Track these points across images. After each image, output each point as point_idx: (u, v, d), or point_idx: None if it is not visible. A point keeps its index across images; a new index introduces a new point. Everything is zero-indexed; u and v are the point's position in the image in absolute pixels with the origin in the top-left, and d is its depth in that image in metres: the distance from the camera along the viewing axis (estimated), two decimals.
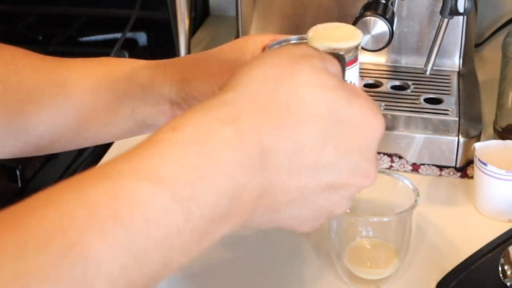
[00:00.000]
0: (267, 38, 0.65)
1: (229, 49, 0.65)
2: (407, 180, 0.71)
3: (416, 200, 0.68)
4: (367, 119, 0.46)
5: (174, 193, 0.39)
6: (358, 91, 0.47)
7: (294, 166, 0.43)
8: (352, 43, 0.59)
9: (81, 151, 0.94)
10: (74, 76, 0.65)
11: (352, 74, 0.61)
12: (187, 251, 0.40)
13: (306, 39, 0.63)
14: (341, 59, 0.51)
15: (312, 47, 0.57)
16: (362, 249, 0.70)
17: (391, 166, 0.90)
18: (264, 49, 0.64)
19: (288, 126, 0.43)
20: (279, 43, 0.64)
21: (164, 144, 0.41)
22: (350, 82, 0.60)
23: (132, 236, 0.37)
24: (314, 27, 0.61)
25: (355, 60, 0.61)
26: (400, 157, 0.90)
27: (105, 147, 0.96)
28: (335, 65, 0.48)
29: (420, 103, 0.93)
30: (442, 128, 0.89)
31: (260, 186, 0.42)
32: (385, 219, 0.69)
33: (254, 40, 0.65)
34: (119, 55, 1.09)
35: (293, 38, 0.65)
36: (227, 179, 0.41)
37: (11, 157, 0.66)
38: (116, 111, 0.65)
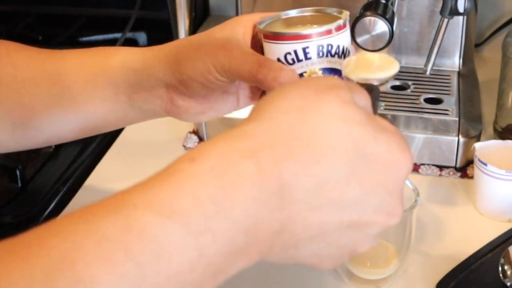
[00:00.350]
0: (257, 16, 0.63)
1: (220, 29, 0.63)
2: (407, 180, 0.71)
3: (416, 200, 0.68)
4: (394, 155, 0.44)
5: (188, 227, 0.37)
6: (386, 125, 0.45)
7: (315, 202, 0.42)
8: (387, 74, 0.58)
9: (80, 152, 0.94)
10: (69, 67, 0.64)
11: (343, 38, 0.59)
12: (200, 287, 0.39)
13: (306, 11, 0.62)
14: (375, 90, 0.50)
15: (346, 77, 0.57)
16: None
17: None
18: (254, 27, 0.62)
19: (310, 161, 0.41)
20: (271, 18, 0.63)
21: (181, 175, 0.39)
22: (342, 47, 0.59)
23: (143, 271, 0.36)
24: (347, 58, 0.60)
25: (344, 26, 0.60)
26: None
27: (105, 148, 0.96)
28: (364, 97, 0.47)
29: (420, 103, 0.93)
30: (442, 128, 0.89)
31: (277, 222, 0.41)
32: None
33: (245, 19, 0.63)
34: None
35: (284, 13, 0.64)
36: (244, 214, 0.39)
37: (14, 150, 0.66)
38: (112, 99, 0.64)
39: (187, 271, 0.37)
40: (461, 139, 0.88)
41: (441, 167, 0.89)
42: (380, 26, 0.81)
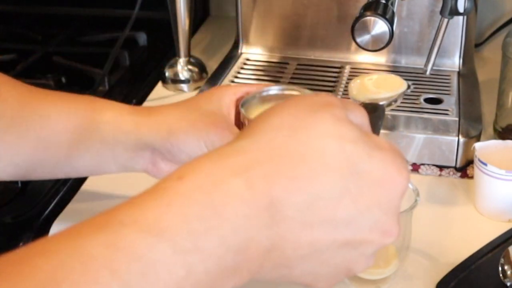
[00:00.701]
0: (240, 90, 0.65)
1: (207, 101, 0.66)
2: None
3: (416, 200, 0.68)
4: (389, 174, 0.43)
5: (175, 245, 0.37)
6: (382, 143, 0.45)
7: (307, 220, 0.41)
8: (393, 92, 0.58)
9: None
10: (58, 112, 0.65)
11: None
12: None
13: (286, 89, 0.62)
14: (379, 109, 0.49)
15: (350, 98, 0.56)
16: None
17: None
18: (237, 105, 0.64)
19: (301, 178, 0.41)
20: (252, 97, 0.64)
21: (168, 193, 0.39)
22: None
23: None
24: (352, 81, 0.60)
25: None
26: None
27: None
28: (360, 115, 0.46)
29: (420, 103, 0.93)
30: (442, 128, 0.89)
31: (268, 240, 0.40)
32: None
33: (229, 94, 0.65)
34: (119, 55, 1.09)
35: (267, 89, 0.64)
36: (234, 232, 0.39)
37: None
38: (96, 152, 0.66)
39: None
40: (461, 139, 0.88)
41: (441, 167, 0.89)
42: (380, 26, 0.81)
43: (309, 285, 0.45)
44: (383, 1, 0.83)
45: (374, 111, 0.48)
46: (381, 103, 0.53)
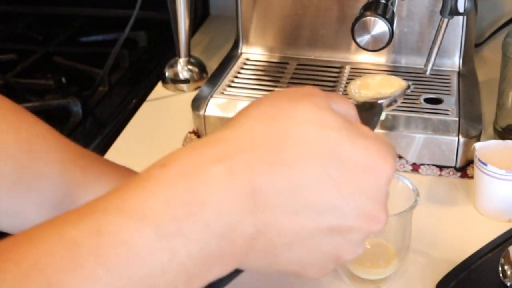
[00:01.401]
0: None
1: None
2: (407, 180, 0.71)
3: (416, 200, 0.68)
4: (373, 161, 0.43)
5: (159, 230, 0.37)
6: (366, 131, 0.45)
7: (291, 207, 0.41)
8: (391, 90, 0.58)
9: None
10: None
11: None
12: None
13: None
14: (376, 106, 0.49)
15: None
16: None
17: None
18: None
19: (283, 165, 0.41)
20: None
21: (151, 180, 0.39)
22: None
23: (113, 275, 0.35)
24: (352, 82, 0.60)
25: None
26: (400, 157, 0.90)
27: (105, 149, 0.96)
28: (345, 105, 0.46)
29: (420, 103, 0.93)
30: (442, 128, 0.89)
31: (252, 227, 0.40)
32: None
33: None
34: (119, 55, 1.09)
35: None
36: (217, 218, 0.39)
37: None
38: None
39: (159, 274, 0.37)
40: (461, 139, 0.88)
41: (441, 167, 0.89)
42: (380, 26, 0.81)
43: (299, 274, 0.45)
44: (383, 1, 0.83)
45: (370, 108, 0.48)
46: (379, 101, 0.53)
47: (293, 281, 0.72)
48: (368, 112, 0.52)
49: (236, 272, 0.44)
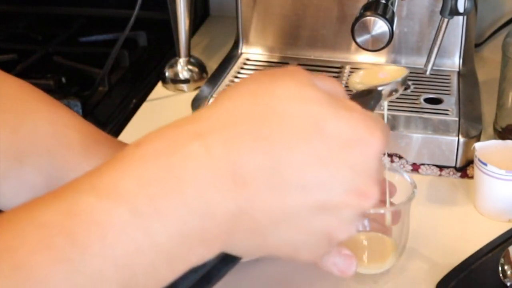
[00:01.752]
0: None
1: None
2: (405, 173, 0.70)
3: (413, 192, 0.67)
4: (359, 134, 0.42)
5: (133, 208, 0.36)
6: (351, 105, 0.43)
7: (275, 184, 0.39)
8: (392, 78, 0.57)
9: None
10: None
11: None
12: (154, 274, 0.37)
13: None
14: (375, 91, 0.49)
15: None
16: (359, 243, 0.69)
17: None
18: None
19: (263, 141, 0.39)
20: None
21: (126, 159, 0.38)
22: None
23: (86, 255, 0.35)
24: (355, 72, 0.59)
25: None
26: (400, 157, 0.90)
27: None
28: (329, 82, 0.45)
29: (420, 103, 0.93)
30: (442, 128, 0.89)
31: (234, 205, 0.39)
32: (381, 211, 0.68)
33: None
34: (119, 55, 1.09)
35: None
36: (196, 196, 0.38)
37: None
38: None
39: (134, 254, 0.36)
40: (461, 139, 0.88)
41: (441, 167, 0.89)
42: (380, 26, 0.81)
43: (292, 257, 0.44)
44: (383, 1, 0.83)
45: (368, 93, 0.48)
46: (379, 88, 0.52)
47: (291, 275, 0.72)
48: (365, 97, 0.51)
49: (232, 260, 0.43)
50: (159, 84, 1.12)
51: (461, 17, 0.98)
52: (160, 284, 0.38)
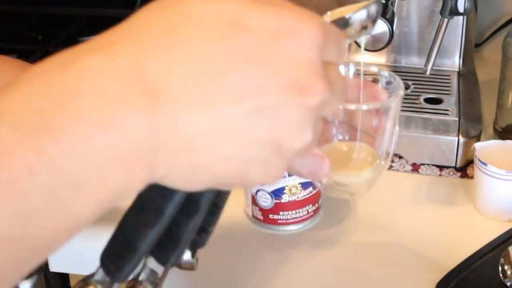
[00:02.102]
0: None
1: None
2: (386, 72, 0.61)
3: (398, 92, 0.59)
4: (287, 24, 0.37)
5: (18, 125, 0.32)
6: (281, 2, 0.38)
7: (197, 93, 0.34)
8: (355, 9, 0.54)
9: None
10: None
11: None
12: (58, 202, 0.33)
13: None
14: (340, 20, 0.48)
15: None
16: (339, 152, 0.60)
17: (391, 166, 0.90)
18: None
19: (177, 45, 0.35)
20: None
21: (16, 80, 0.34)
22: None
23: None
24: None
25: None
26: (400, 157, 0.90)
27: None
28: None
29: (420, 103, 0.94)
30: (442, 128, 0.89)
31: (150, 120, 0.34)
32: (363, 107, 0.57)
33: None
34: None
35: None
36: (95, 108, 0.33)
37: None
38: None
39: (25, 176, 0.32)
40: (461, 139, 0.88)
41: (441, 167, 0.89)
42: (380, 26, 0.81)
43: (243, 179, 0.37)
44: (383, 1, 0.83)
45: (333, 23, 0.47)
46: (346, 16, 0.51)
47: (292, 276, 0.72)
48: (338, 23, 0.50)
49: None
50: None
51: (461, 17, 0.98)
52: (77, 221, 0.34)
